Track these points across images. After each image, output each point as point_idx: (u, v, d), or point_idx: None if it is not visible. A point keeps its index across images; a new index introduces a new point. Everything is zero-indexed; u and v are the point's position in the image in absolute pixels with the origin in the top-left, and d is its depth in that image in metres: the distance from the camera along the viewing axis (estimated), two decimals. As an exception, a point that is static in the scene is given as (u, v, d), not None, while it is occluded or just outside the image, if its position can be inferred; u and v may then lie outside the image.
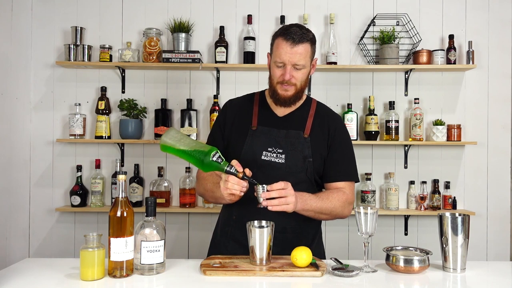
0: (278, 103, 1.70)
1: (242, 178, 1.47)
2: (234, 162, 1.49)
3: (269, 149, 1.68)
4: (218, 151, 1.48)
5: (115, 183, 2.94)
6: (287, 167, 1.66)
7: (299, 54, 1.61)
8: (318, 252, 1.72)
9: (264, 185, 1.48)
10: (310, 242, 1.71)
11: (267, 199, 1.48)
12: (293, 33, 1.61)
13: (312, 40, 1.66)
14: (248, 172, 1.49)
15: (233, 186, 1.48)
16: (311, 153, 1.68)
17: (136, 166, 3.00)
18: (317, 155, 1.70)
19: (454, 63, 2.95)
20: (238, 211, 1.70)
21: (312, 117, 1.74)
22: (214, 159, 1.46)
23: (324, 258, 1.74)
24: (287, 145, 1.68)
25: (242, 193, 1.51)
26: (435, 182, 2.98)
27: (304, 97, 1.79)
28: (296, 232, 1.66)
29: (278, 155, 1.67)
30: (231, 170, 1.47)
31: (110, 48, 2.96)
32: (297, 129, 1.71)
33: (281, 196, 1.48)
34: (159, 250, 1.38)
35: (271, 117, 1.75)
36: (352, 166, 1.77)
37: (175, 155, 1.52)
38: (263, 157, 1.67)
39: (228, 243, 1.70)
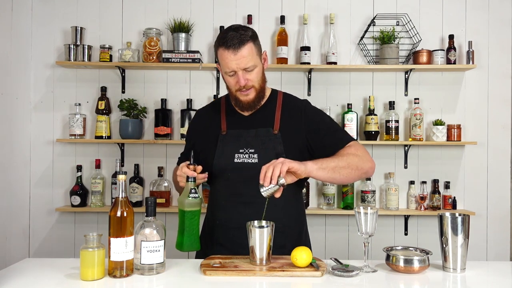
0: (244, 109, 1.69)
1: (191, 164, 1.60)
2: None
3: (241, 150, 1.67)
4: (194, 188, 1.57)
5: (115, 183, 2.94)
6: (261, 167, 1.63)
7: (245, 57, 1.58)
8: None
9: (260, 185, 1.48)
10: (295, 240, 1.69)
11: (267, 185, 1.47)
12: (231, 38, 1.57)
13: (252, 37, 1.62)
14: (198, 169, 1.59)
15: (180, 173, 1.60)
16: (284, 149, 1.65)
17: (136, 166, 3.00)
18: (292, 149, 1.66)
19: (454, 63, 2.96)
20: (222, 216, 1.69)
21: (280, 111, 1.71)
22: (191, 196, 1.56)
23: None
24: (258, 144, 1.66)
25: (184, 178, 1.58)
26: (435, 182, 2.98)
27: (269, 92, 1.77)
28: (279, 231, 1.62)
29: (251, 155, 1.65)
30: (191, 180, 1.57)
31: (110, 48, 2.96)
32: (266, 126, 1.69)
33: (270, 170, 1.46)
34: (159, 250, 1.38)
35: (239, 118, 1.73)
36: (342, 132, 1.74)
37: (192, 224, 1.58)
38: (236, 160, 1.66)
39: (213, 248, 1.69)
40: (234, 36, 1.58)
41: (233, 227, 1.64)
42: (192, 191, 1.53)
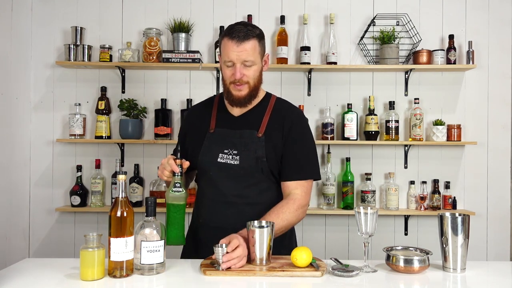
0: (234, 104, 1.68)
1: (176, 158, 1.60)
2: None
3: (225, 151, 1.66)
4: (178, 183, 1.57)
5: (115, 183, 2.94)
6: (242, 169, 1.64)
7: (246, 51, 1.59)
8: (290, 246, 1.68)
9: (223, 246, 1.41)
10: (280, 238, 1.67)
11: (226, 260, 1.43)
12: (238, 31, 1.60)
13: (259, 36, 1.64)
14: (185, 164, 1.59)
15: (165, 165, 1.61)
16: (265, 153, 1.64)
17: (136, 166, 3.00)
18: (272, 153, 1.65)
19: (454, 63, 2.95)
20: (204, 215, 1.69)
21: (269, 115, 1.70)
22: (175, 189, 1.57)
23: None
24: (241, 146, 1.66)
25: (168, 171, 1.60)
26: (435, 182, 2.98)
27: (263, 94, 1.76)
28: None
29: (234, 156, 1.65)
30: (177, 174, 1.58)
31: (110, 48, 2.96)
32: (252, 128, 1.68)
33: (239, 256, 1.42)
34: (159, 250, 1.38)
35: (228, 118, 1.73)
36: (309, 163, 1.70)
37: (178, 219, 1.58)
38: (219, 160, 1.66)
39: (197, 248, 1.69)
40: (241, 29, 1.61)
41: (215, 226, 1.64)
42: (177, 185, 1.55)
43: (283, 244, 1.66)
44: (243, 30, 1.60)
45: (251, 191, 1.66)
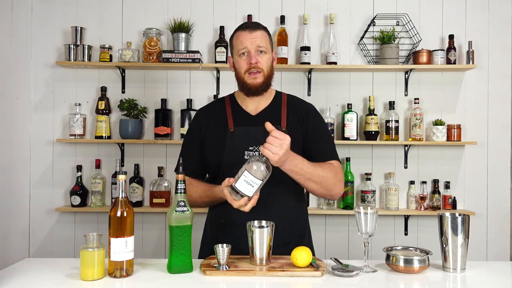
0: (250, 94, 1.70)
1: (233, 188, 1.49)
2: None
3: (250, 148, 1.68)
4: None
5: (115, 183, 2.94)
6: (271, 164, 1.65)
7: (259, 37, 1.68)
8: (309, 247, 1.69)
9: (224, 246, 1.42)
10: (299, 237, 1.69)
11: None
12: (248, 23, 1.75)
13: (267, 30, 1.75)
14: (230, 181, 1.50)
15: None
16: (291, 145, 1.65)
17: (136, 166, 3.00)
18: (296, 147, 1.67)
19: (454, 63, 2.96)
20: (230, 215, 1.67)
21: (286, 109, 1.76)
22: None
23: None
24: None
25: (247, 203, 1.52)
26: (435, 182, 2.98)
27: (274, 92, 1.82)
28: (286, 228, 1.63)
29: (259, 152, 1.65)
30: None
31: (110, 48, 2.96)
32: (274, 123, 1.68)
33: (275, 145, 1.47)
34: (253, 186, 1.45)
35: (245, 117, 1.75)
36: (333, 147, 1.78)
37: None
38: (246, 157, 1.66)
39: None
40: (252, 22, 1.76)
41: (243, 225, 1.63)
42: (181, 203, 1.40)
43: (304, 241, 1.68)
44: (253, 22, 1.74)
45: (276, 186, 1.64)
